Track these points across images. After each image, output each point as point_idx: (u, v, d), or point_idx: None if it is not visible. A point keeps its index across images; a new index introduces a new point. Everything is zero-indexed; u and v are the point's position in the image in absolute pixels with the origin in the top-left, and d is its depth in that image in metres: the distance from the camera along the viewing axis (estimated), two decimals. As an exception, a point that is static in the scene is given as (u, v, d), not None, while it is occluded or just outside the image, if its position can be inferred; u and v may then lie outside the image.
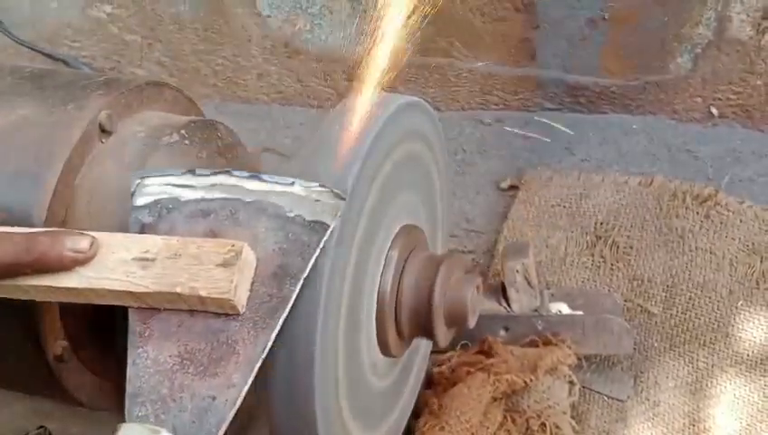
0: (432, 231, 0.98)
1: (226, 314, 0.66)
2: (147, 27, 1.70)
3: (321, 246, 0.69)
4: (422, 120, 0.91)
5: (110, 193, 0.82)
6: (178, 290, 0.65)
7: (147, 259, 0.67)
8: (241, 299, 0.65)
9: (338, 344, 0.77)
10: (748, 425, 1.09)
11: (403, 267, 0.85)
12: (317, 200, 0.71)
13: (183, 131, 0.87)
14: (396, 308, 0.85)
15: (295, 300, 0.70)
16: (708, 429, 1.09)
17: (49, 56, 1.75)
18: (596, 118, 1.54)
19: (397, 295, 0.84)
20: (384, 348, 0.86)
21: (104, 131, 0.84)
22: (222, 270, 0.65)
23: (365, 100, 0.81)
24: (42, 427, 0.92)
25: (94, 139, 0.83)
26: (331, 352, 0.76)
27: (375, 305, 0.83)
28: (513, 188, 1.45)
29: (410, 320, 0.85)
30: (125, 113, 0.87)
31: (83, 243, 0.67)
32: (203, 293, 0.64)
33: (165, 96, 0.94)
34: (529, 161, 1.49)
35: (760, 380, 1.12)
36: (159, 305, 0.67)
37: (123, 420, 0.63)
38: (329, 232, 0.70)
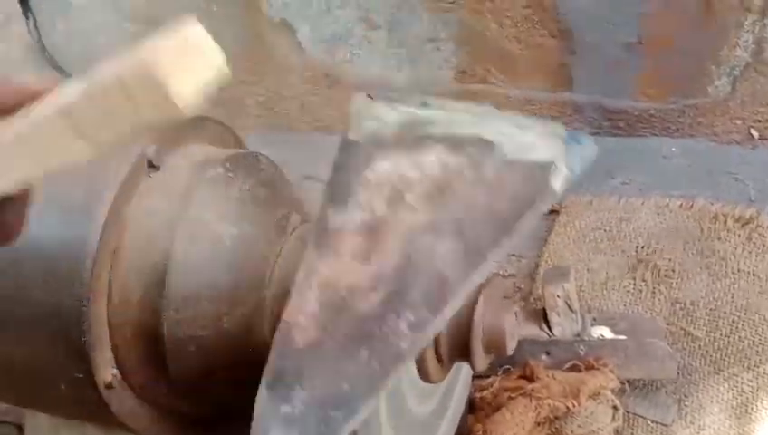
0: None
1: None
2: (191, 60, 1.72)
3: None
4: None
5: (159, 224, 0.84)
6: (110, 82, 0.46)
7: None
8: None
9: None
10: (794, 449, 1.08)
11: (442, 293, 0.85)
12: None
13: (227, 164, 0.89)
14: (435, 336, 0.84)
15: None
16: (754, 453, 1.09)
17: (97, 90, 1.78)
18: (635, 141, 1.54)
19: (436, 323, 0.84)
20: (424, 374, 0.86)
21: (151, 166, 0.86)
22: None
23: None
24: None
25: (142, 173, 0.85)
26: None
27: (414, 334, 0.83)
28: (554, 212, 1.44)
29: (449, 346, 0.85)
30: (171, 147, 0.89)
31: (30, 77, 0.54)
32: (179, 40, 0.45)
33: (209, 130, 0.96)
34: (569, 186, 1.49)
35: (806, 403, 1.11)
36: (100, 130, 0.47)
37: None
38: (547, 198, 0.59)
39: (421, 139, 0.60)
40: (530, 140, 0.59)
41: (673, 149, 1.51)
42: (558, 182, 0.57)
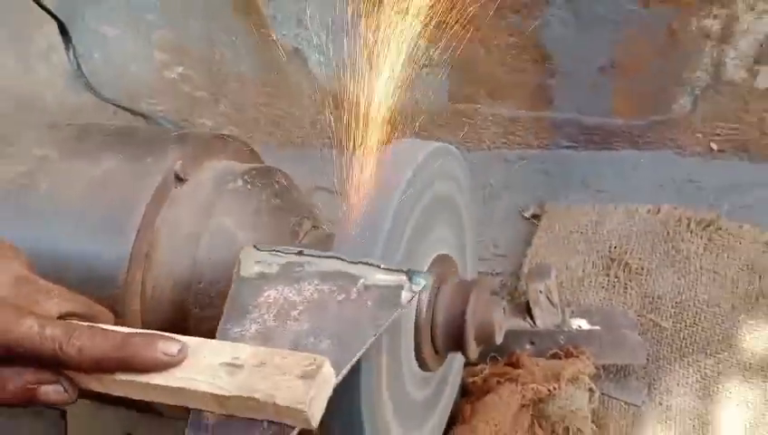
0: (462, 259, 0.98)
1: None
2: (213, 85, 1.73)
3: (389, 320, 0.69)
4: (450, 161, 0.92)
5: (185, 231, 0.85)
6: (257, 396, 0.59)
7: (234, 365, 0.61)
8: (315, 413, 0.59)
9: (381, 360, 0.78)
10: (751, 426, 1.08)
11: (437, 292, 0.85)
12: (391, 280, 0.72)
13: (245, 177, 0.89)
14: (431, 328, 0.85)
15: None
16: (716, 430, 1.08)
17: (130, 111, 1.78)
18: (608, 154, 1.54)
19: (432, 317, 0.85)
20: (422, 363, 0.87)
21: (179, 179, 0.86)
22: (302, 382, 0.58)
23: (401, 146, 0.83)
24: (128, 434, 0.93)
25: (170, 186, 0.86)
26: (375, 369, 0.77)
27: (413, 326, 0.84)
28: (536, 217, 1.45)
29: (444, 338, 0.86)
30: (196, 163, 0.89)
31: (174, 347, 0.62)
32: (279, 401, 0.58)
33: (229, 147, 0.96)
34: (549, 193, 1.49)
35: (761, 385, 1.11)
36: (238, 412, 0.61)
37: None
38: (399, 311, 0.70)
39: (300, 273, 0.73)
40: (380, 275, 0.72)
41: (642, 160, 1.51)
42: (406, 298, 0.70)
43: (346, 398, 0.75)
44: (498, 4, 1.42)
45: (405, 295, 0.70)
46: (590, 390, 1.07)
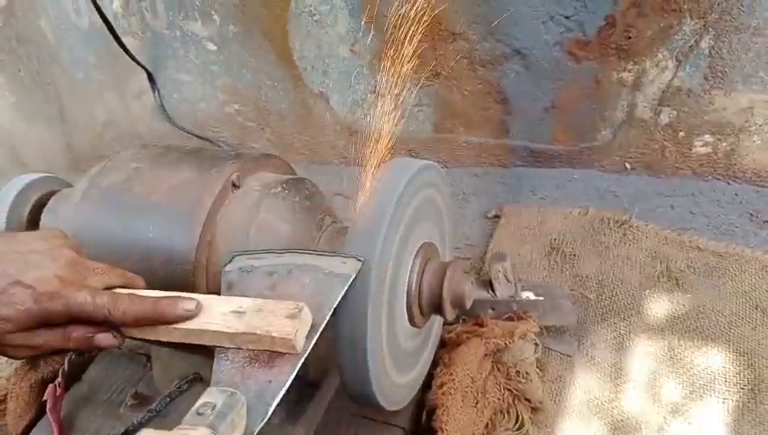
0: (442, 246, 0.98)
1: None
2: (260, 118, 1.73)
3: (345, 289, 0.70)
4: (434, 174, 0.92)
5: (238, 224, 0.84)
6: (258, 332, 0.63)
7: (239, 312, 0.65)
8: (299, 341, 0.63)
9: (381, 320, 0.78)
10: (653, 371, 1.08)
11: (423, 270, 0.85)
12: (344, 262, 0.73)
13: (284, 185, 0.89)
14: (419, 296, 0.85)
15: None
16: (627, 374, 1.08)
17: (199, 137, 1.79)
18: (550, 171, 1.54)
19: (419, 288, 0.85)
20: (412, 321, 0.87)
21: (235, 186, 0.86)
22: (289, 320, 0.63)
23: (397, 163, 0.83)
24: (196, 373, 0.93)
25: (228, 191, 0.86)
26: (377, 325, 0.77)
27: (405, 295, 0.84)
28: (497, 217, 1.45)
29: (428, 304, 0.86)
30: (248, 174, 0.89)
31: (191, 305, 0.66)
32: (274, 334, 0.62)
33: (272, 162, 0.96)
34: (506, 199, 1.49)
35: (660, 341, 1.11)
36: (244, 345, 0.64)
37: None
38: (350, 281, 0.71)
39: (278, 265, 0.74)
40: (336, 264, 0.73)
41: (575, 175, 1.52)
42: (345, 285, 0.70)
43: (356, 354, 0.76)
44: (470, 60, 1.43)
45: (353, 276, 0.72)
46: (536, 344, 1.07)
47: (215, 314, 0.66)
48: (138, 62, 1.70)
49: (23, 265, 0.64)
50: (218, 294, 0.73)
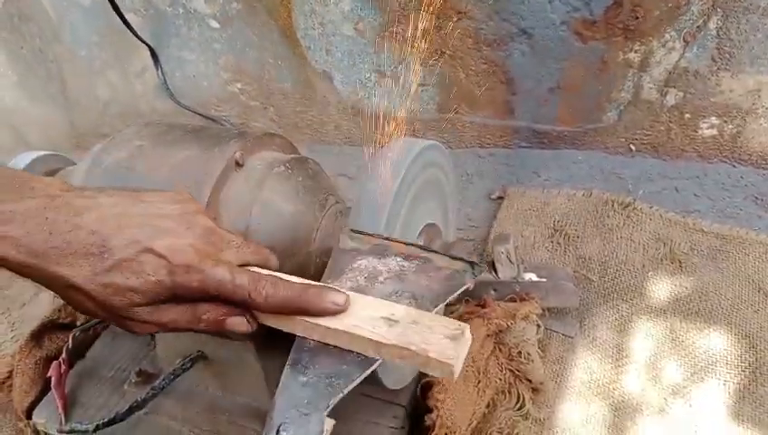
0: (445, 226, 0.98)
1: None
2: (264, 97, 1.72)
3: (459, 291, 0.65)
4: (438, 154, 0.91)
5: (241, 203, 0.84)
6: (413, 348, 0.54)
7: (391, 320, 0.57)
8: (458, 368, 0.54)
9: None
10: (654, 354, 1.08)
11: (427, 250, 0.85)
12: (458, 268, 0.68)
13: (287, 164, 0.88)
14: (423, 275, 0.85)
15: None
16: (628, 355, 1.09)
17: (202, 116, 1.78)
18: (554, 152, 1.53)
19: (423, 268, 0.84)
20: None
21: (238, 165, 0.86)
22: (449, 341, 0.54)
23: (401, 143, 0.82)
24: (200, 351, 0.93)
25: (232, 169, 0.85)
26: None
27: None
28: (500, 198, 1.45)
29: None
30: (251, 153, 0.88)
31: (341, 298, 0.58)
32: (432, 354, 0.54)
33: (275, 141, 0.95)
34: (510, 181, 1.49)
35: (662, 323, 1.11)
36: (390, 357, 0.56)
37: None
38: (464, 287, 0.65)
39: (386, 252, 0.69)
40: (446, 261, 0.67)
41: (579, 157, 1.51)
42: (469, 281, 0.65)
43: None
44: (475, 39, 1.41)
45: (468, 277, 0.66)
46: (538, 325, 1.07)
47: (363, 318, 0.58)
48: (141, 40, 1.68)
49: (152, 231, 0.56)
50: None
